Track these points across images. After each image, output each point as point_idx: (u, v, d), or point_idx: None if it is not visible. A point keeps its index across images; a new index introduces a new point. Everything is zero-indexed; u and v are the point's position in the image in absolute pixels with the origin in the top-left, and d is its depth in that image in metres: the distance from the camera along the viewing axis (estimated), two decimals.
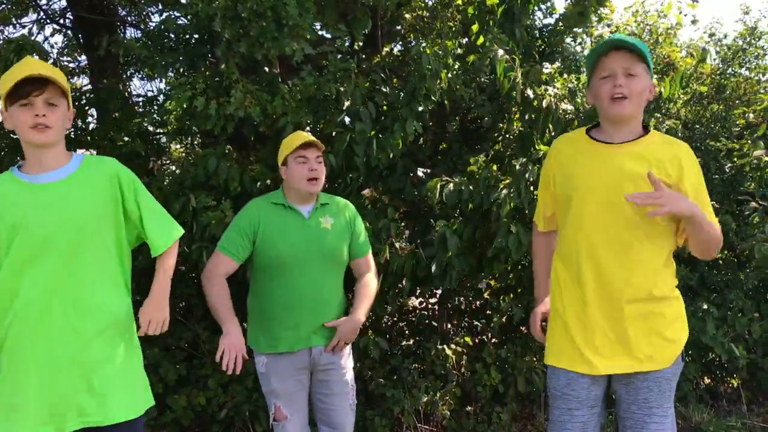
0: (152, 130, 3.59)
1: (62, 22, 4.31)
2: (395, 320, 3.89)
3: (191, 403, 3.07)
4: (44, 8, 4.24)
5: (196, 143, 4.17)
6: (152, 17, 4.35)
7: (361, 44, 3.80)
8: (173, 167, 4.12)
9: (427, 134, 3.74)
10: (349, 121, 3.18)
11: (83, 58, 4.36)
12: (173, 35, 3.18)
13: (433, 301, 3.95)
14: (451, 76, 3.31)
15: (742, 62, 4.81)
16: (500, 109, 3.60)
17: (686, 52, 4.01)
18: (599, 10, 3.85)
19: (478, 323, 3.98)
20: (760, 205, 3.87)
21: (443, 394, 3.48)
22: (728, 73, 4.61)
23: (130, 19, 4.32)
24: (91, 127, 3.49)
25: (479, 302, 3.94)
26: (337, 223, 2.53)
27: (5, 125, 1.87)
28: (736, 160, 3.99)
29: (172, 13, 3.30)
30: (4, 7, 3.79)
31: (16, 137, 3.32)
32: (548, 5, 3.90)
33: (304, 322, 2.43)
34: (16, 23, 4.06)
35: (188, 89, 2.87)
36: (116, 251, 1.97)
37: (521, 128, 3.58)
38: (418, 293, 3.77)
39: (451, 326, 3.91)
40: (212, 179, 3.00)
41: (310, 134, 2.53)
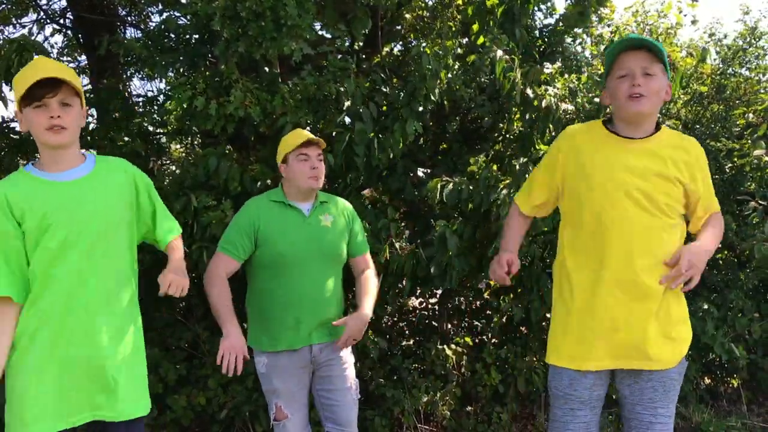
0: (152, 130, 3.59)
1: (62, 22, 4.32)
2: (395, 320, 3.89)
3: (191, 403, 3.07)
4: (44, 8, 4.24)
5: (196, 143, 4.17)
6: (152, 17, 4.37)
7: (361, 44, 3.80)
8: (173, 167, 4.12)
9: (427, 134, 3.74)
10: (349, 121, 3.18)
11: (83, 58, 4.37)
12: (173, 35, 3.18)
13: (433, 301, 3.95)
14: (451, 76, 3.31)
15: (742, 62, 4.81)
16: (500, 109, 3.59)
17: (686, 52, 4.01)
18: (599, 10, 3.85)
19: (478, 323, 3.98)
20: (760, 205, 3.87)
21: (443, 394, 3.47)
22: (728, 73, 4.60)
23: (130, 19, 4.32)
24: (91, 127, 3.49)
25: (479, 302, 3.93)
26: (336, 221, 2.53)
27: (20, 128, 1.88)
28: (736, 160, 3.98)
29: (172, 12, 3.30)
30: (4, 7, 3.79)
31: (16, 137, 3.32)
32: (548, 5, 3.90)
33: (304, 320, 2.42)
34: (16, 23, 4.06)
35: (188, 89, 2.87)
36: (129, 249, 2.01)
37: (521, 128, 3.58)
38: (418, 293, 3.77)
39: (451, 326, 3.91)
40: (212, 179, 3.00)
41: (309, 133, 2.53)
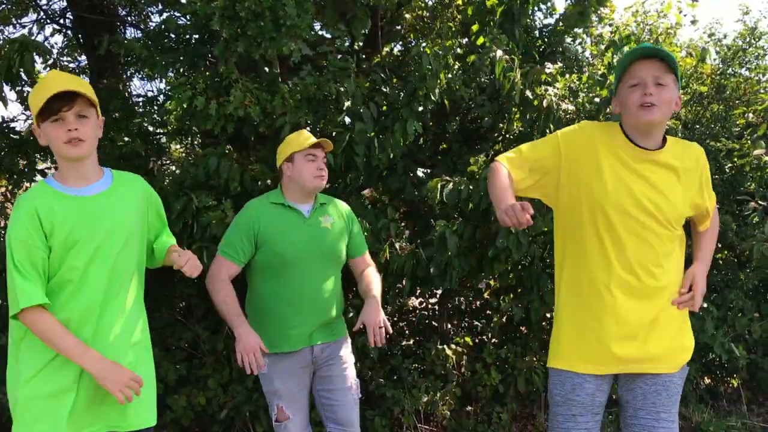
0: (152, 130, 3.59)
1: (62, 22, 4.31)
2: (395, 320, 3.89)
3: (191, 403, 3.07)
4: (44, 8, 4.24)
5: (196, 143, 4.17)
6: (152, 17, 4.36)
7: (361, 44, 3.80)
8: (173, 167, 4.12)
9: (427, 134, 3.74)
10: (349, 121, 3.18)
11: (83, 58, 4.36)
12: (173, 35, 3.18)
13: (433, 301, 3.95)
14: (450, 76, 3.31)
15: (742, 62, 4.81)
16: (500, 109, 3.59)
17: (686, 52, 4.01)
18: (599, 10, 3.85)
19: (478, 323, 3.98)
20: (759, 205, 3.87)
21: (443, 394, 3.47)
22: (728, 73, 4.60)
23: (130, 19, 4.32)
24: None
25: (479, 302, 3.93)
26: (336, 222, 2.53)
27: (40, 142, 1.89)
28: (736, 160, 3.98)
29: (172, 12, 3.30)
30: (4, 7, 3.79)
31: (16, 137, 3.32)
32: (548, 5, 3.89)
33: (305, 321, 2.43)
34: (16, 23, 4.06)
35: (188, 89, 2.87)
36: (139, 264, 2.02)
37: (521, 128, 3.58)
38: (418, 293, 3.77)
39: (451, 326, 3.91)
40: (212, 179, 3.00)
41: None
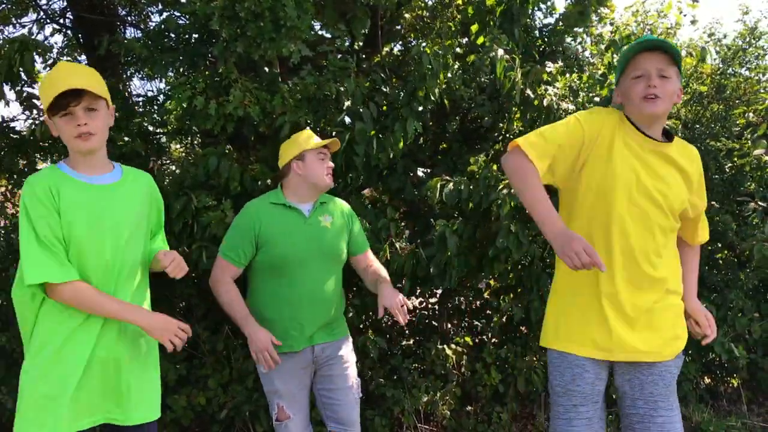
0: (152, 130, 3.59)
1: (62, 21, 4.31)
2: (395, 320, 3.88)
3: (191, 403, 3.07)
4: (44, 8, 4.23)
5: (196, 143, 4.16)
6: (152, 17, 4.36)
7: (361, 44, 3.80)
8: (173, 167, 4.12)
9: (427, 134, 3.74)
10: (349, 120, 3.18)
11: (83, 58, 4.36)
12: (173, 35, 3.18)
13: (433, 301, 3.95)
14: (450, 75, 3.31)
15: (742, 62, 4.81)
16: (500, 108, 3.59)
17: (686, 52, 4.00)
18: (599, 9, 3.85)
19: (478, 323, 3.97)
20: (759, 205, 3.87)
21: (443, 394, 3.47)
22: (728, 73, 4.60)
23: (130, 19, 4.32)
24: None
25: (479, 302, 3.93)
26: (335, 221, 2.53)
27: (52, 133, 1.93)
28: (736, 159, 3.98)
29: (172, 12, 3.29)
30: (4, 6, 3.79)
31: (16, 137, 3.33)
32: (548, 5, 3.90)
33: (307, 321, 2.43)
34: (16, 23, 4.05)
35: (188, 89, 2.87)
36: (143, 256, 2.04)
37: (521, 128, 3.57)
38: (418, 293, 3.77)
39: (451, 326, 3.91)
40: (212, 179, 2.99)
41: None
